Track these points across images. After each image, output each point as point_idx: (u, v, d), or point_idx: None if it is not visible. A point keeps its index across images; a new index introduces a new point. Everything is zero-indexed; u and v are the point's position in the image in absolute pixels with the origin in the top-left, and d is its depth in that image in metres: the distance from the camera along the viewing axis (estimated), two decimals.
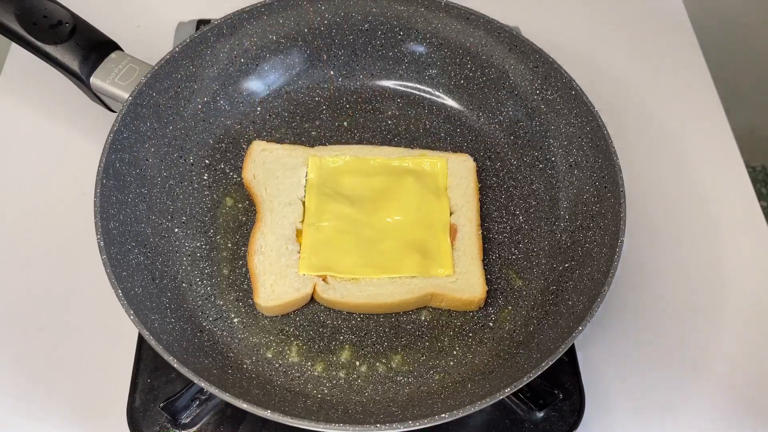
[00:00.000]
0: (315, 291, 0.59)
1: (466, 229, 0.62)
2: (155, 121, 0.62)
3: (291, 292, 0.58)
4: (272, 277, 0.58)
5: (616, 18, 0.88)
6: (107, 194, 0.55)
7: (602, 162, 0.61)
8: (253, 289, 0.58)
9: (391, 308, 0.59)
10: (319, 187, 0.63)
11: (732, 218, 0.72)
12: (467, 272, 0.60)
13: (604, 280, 0.53)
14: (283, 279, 0.58)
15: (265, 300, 0.58)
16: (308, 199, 0.63)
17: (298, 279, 0.59)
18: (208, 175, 0.65)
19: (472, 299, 0.59)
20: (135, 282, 0.54)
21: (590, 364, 0.62)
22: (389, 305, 0.59)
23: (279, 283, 0.58)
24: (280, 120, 0.69)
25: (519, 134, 0.69)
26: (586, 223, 0.61)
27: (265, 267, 0.59)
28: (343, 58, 0.71)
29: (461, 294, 0.59)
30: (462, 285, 0.59)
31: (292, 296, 0.58)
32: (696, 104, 0.81)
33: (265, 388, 0.54)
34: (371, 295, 0.58)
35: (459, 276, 0.60)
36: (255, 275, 0.59)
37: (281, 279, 0.58)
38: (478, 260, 0.61)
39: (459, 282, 0.59)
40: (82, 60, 0.62)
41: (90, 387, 0.59)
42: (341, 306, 0.59)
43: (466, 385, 0.55)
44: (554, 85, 0.65)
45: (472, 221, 0.63)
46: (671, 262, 0.69)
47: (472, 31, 0.68)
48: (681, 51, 0.86)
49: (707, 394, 0.62)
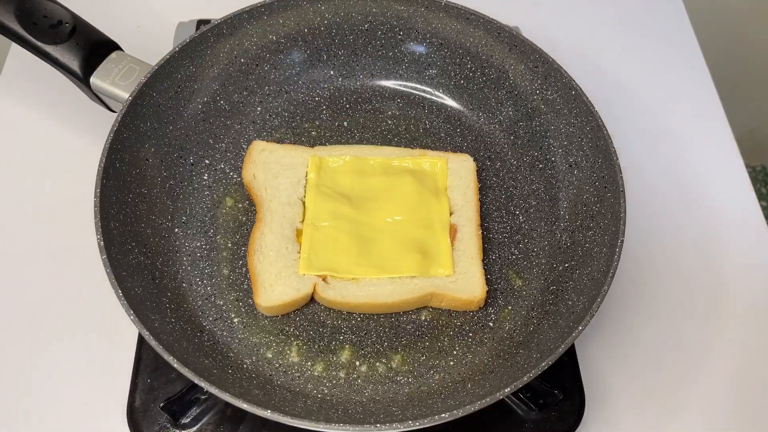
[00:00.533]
0: (315, 291, 0.59)
1: (466, 229, 0.62)
2: (155, 121, 0.62)
3: (291, 292, 0.58)
4: (272, 277, 0.58)
5: (616, 18, 0.88)
6: (107, 194, 0.55)
7: (602, 162, 0.61)
8: (253, 290, 0.58)
9: (391, 308, 0.59)
10: (319, 187, 0.63)
11: (732, 218, 0.72)
12: (467, 272, 0.60)
13: (604, 280, 0.53)
14: (283, 279, 0.58)
15: (265, 300, 0.58)
16: (308, 199, 0.63)
17: (298, 279, 0.59)
18: (208, 175, 0.65)
19: (472, 299, 0.59)
20: (135, 282, 0.54)
21: (590, 364, 0.62)
22: (389, 305, 0.59)
23: (279, 283, 0.58)
24: (280, 120, 0.69)
25: (519, 134, 0.69)
26: (586, 223, 0.61)
27: (264, 267, 0.59)
28: (343, 58, 0.71)
29: (461, 294, 0.59)
30: (462, 285, 0.59)
31: (292, 296, 0.58)
32: (696, 104, 0.81)
33: (265, 388, 0.54)
34: (371, 295, 0.58)
35: (459, 276, 0.60)
36: (255, 275, 0.59)
37: (281, 279, 0.58)
38: (478, 260, 0.61)
39: (459, 282, 0.59)
40: (82, 60, 0.62)
41: (90, 387, 0.59)
42: (341, 306, 0.59)
43: (466, 384, 0.55)
44: (554, 85, 0.65)
45: (472, 221, 0.63)
46: (671, 262, 0.69)
47: (472, 31, 0.68)
48: (681, 51, 0.86)
49: (707, 394, 0.62)
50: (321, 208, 0.62)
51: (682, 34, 0.87)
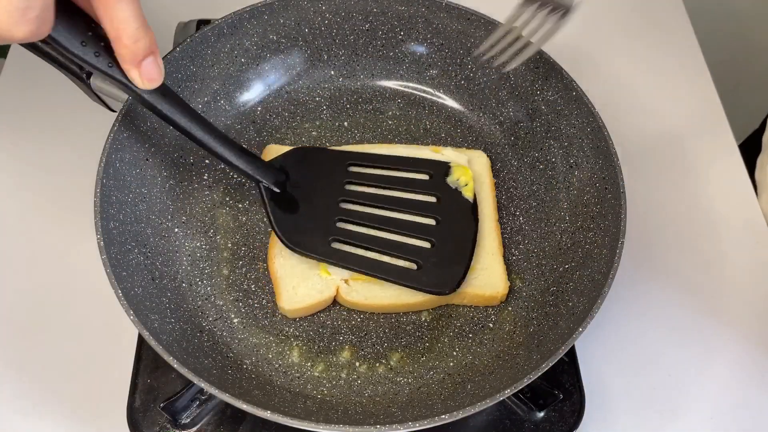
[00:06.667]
0: (338, 293, 0.58)
1: (484, 225, 0.62)
2: (155, 121, 0.62)
3: (314, 294, 0.58)
4: (294, 280, 0.58)
5: (616, 18, 0.88)
6: (107, 194, 0.55)
7: (603, 163, 0.61)
8: (276, 293, 0.58)
9: (414, 308, 0.59)
10: None
11: (732, 219, 0.72)
12: (488, 268, 0.60)
13: (605, 281, 0.53)
14: (305, 281, 0.58)
15: (289, 303, 0.57)
16: None
17: (320, 281, 0.58)
18: (208, 175, 0.65)
19: (494, 294, 0.59)
20: (135, 282, 0.54)
21: (590, 364, 0.62)
22: (413, 305, 0.59)
23: (302, 286, 0.58)
24: (281, 120, 0.69)
25: (519, 135, 0.68)
26: (587, 224, 0.61)
27: (286, 270, 0.59)
28: (343, 58, 0.71)
29: (483, 290, 0.59)
30: (484, 281, 0.59)
31: (315, 299, 0.58)
32: (696, 104, 0.81)
33: (264, 388, 0.54)
34: (395, 296, 0.58)
35: (480, 272, 0.59)
36: (276, 279, 0.58)
37: (303, 281, 0.58)
38: (499, 255, 0.61)
39: (480, 278, 0.59)
40: None
41: (90, 387, 0.59)
42: (365, 307, 0.59)
43: (465, 385, 0.55)
44: (555, 85, 0.65)
45: (491, 217, 0.63)
46: (671, 263, 0.69)
47: (473, 31, 0.68)
48: (681, 51, 0.86)
49: (707, 394, 0.62)
50: None
51: (682, 34, 0.87)
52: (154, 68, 0.48)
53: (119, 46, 0.45)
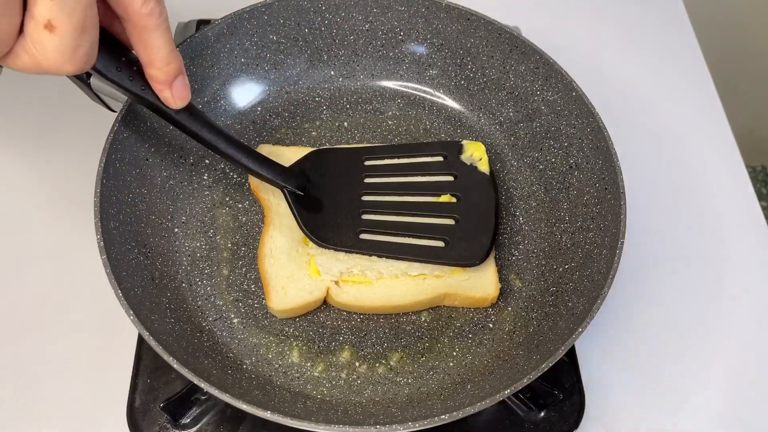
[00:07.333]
0: (328, 294, 0.58)
1: None
2: (155, 121, 0.62)
3: (304, 295, 0.58)
4: (284, 281, 0.58)
5: (616, 18, 0.88)
6: (107, 194, 0.55)
7: (603, 163, 0.61)
8: (266, 293, 0.58)
9: (404, 309, 0.59)
10: None
11: (732, 218, 0.72)
12: (480, 270, 0.60)
13: (604, 281, 0.53)
14: (295, 282, 0.58)
15: (278, 303, 0.57)
16: None
17: (310, 282, 0.58)
18: (208, 175, 0.65)
19: (485, 297, 0.59)
20: (135, 282, 0.54)
21: (590, 364, 0.62)
22: (403, 306, 0.59)
23: (291, 287, 0.58)
24: (281, 120, 0.69)
25: (519, 135, 0.69)
26: (587, 225, 0.61)
27: (276, 270, 0.59)
28: (343, 58, 0.71)
29: (474, 292, 0.59)
30: (475, 283, 0.59)
31: (305, 299, 0.58)
32: (696, 104, 0.81)
33: (264, 388, 0.54)
34: (385, 297, 0.58)
35: (472, 274, 0.60)
36: (266, 279, 0.58)
37: (293, 282, 0.58)
38: (491, 258, 0.61)
39: (472, 280, 0.59)
40: None
41: (90, 387, 0.59)
42: (355, 308, 0.59)
43: (465, 386, 0.55)
44: (555, 86, 0.65)
45: None
46: (671, 263, 0.69)
47: (473, 31, 0.68)
48: (681, 51, 0.86)
49: (707, 394, 0.62)
50: None
51: (682, 34, 0.87)
52: (184, 88, 0.51)
53: (153, 69, 0.49)
